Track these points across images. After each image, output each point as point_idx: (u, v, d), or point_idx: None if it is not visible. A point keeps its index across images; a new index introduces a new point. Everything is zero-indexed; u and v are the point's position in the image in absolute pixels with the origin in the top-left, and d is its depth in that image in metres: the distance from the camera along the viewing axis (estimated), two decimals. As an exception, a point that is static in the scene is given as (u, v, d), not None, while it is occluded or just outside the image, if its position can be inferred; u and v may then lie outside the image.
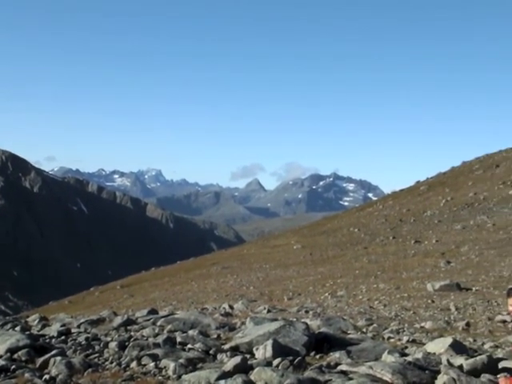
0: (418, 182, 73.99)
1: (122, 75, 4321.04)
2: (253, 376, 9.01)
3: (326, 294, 25.61)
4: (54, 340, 13.01)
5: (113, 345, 11.98)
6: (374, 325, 16.51)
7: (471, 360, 10.22)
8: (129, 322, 15.37)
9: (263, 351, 10.84)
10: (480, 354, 10.79)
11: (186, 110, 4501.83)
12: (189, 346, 11.96)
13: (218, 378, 8.79)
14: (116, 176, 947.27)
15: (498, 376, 7.77)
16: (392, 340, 13.91)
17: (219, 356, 11.08)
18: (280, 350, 10.86)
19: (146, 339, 12.72)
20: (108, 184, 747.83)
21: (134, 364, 10.47)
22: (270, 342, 10.94)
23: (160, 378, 9.61)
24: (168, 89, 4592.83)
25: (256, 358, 10.69)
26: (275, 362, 10.17)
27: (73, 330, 14.47)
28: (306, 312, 20.04)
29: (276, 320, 13.38)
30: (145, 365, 10.43)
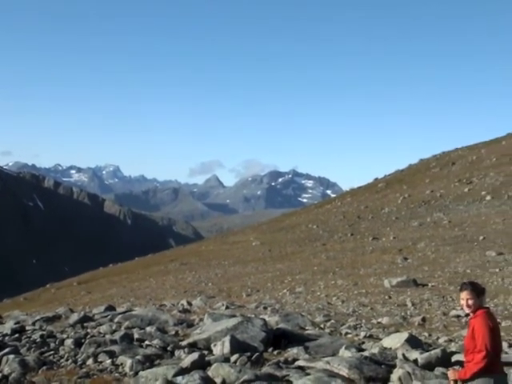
0: (376, 179, 74.61)
1: (82, 71, 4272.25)
2: (210, 372, 9.00)
3: (285, 291, 25.67)
4: (7, 338, 12.81)
5: (68, 342, 11.85)
6: (332, 321, 16.61)
7: (426, 354, 10.37)
8: (85, 319, 15.22)
9: (221, 347, 10.84)
10: (434, 348, 10.95)
11: (144, 106, 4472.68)
12: (146, 342, 11.90)
13: (176, 375, 8.75)
14: (73, 171, 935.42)
15: (449, 369, 7.88)
16: (349, 335, 14.01)
17: (177, 352, 11.04)
18: (238, 346, 10.86)
19: (103, 336, 12.61)
20: (65, 179, 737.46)
21: (90, 361, 10.37)
22: (227, 338, 10.94)
23: (117, 374, 9.54)
24: (126, 86, 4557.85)
25: (214, 354, 10.68)
26: (233, 358, 10.17)
27: (27, 328, 14.27)
28: (265, 308, 20.06)
29: (234, 316, 13.38)
30: (101, 362, 10.34)
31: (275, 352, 11.34)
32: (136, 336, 12.34)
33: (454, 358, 10.14)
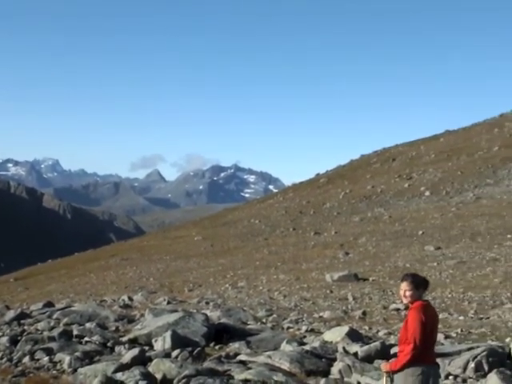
0: (317, 174, 75.13)
1: (20, 59, 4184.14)
2: (151, 368, 8.90)
3: (227, 285, 25.63)
4: None
5: (4, 340, 11.56)
6: (274, 315, 16.65)
7: (366, 347, 10.49)
8: (22, 316, 14.87)
9: (162, 343, 10.74)
10: (374, 342, 11.08)
11: (85, 98, 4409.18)
12: (86, 338, 11.70)
13: (116, 371, 8.62)
14: (10, 165, 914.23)
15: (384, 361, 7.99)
16: (291, 330, 14.06)
17: (117, 348, 10.89)
18: (179, 341, 10.78)
19: (41, 333, 12.35)
20: (1, 173, 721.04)
21: (26, 359, 10.13)
22: (168, 334, 10.85)
23: (54, 372, 9.34)
24: (66, 76, 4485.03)
25: (155, 350, 10.58)
26: (174, 354, 10.09)
27: (-39, 326, 13.87)
28: (207, 303, 20.00)
29: (176, 311, 13.29)
30: (38, 359, 10.11)
31: (217, 347, 11.30)
32: (75, 332, 12.13)
33: (393, 351, 10.27)
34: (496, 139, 57.12)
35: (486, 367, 9.59)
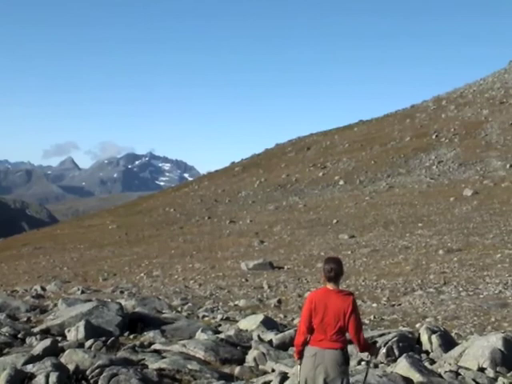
0: (232, 163, 75.18)
1: None
2: (63, 358, 8.69)
3: (142, 274, 25.43)
4: None
5: None
6: (189, 304, 16.64)
7: (280, 335, 10.59)
8: None
9: (75, 333, 10.54)
10: (289, 329, 11.19)
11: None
12: (-6, 330, 11.33)
13: (26, 363, 8.37)
14: None
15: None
16: (206, 318, 14.06)
17: (28, 340, 10.60)
18: (93, 331, 10.61)
19: None
20: None
21: None
22: (82, 323, 10.65)
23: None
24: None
25: (68, 340, 10.35)
26: (88, 344, 9.91)
27: None
28: (121, 292, 19.79)
29: (89, 301, 13.08)
30: None
31: (131, 336, 11.18)
32: (-17, 324, 11.75)
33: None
34: (408, 130, 58.61)
35: (396, 352, 9.88)
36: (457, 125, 54.31)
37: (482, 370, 8.82)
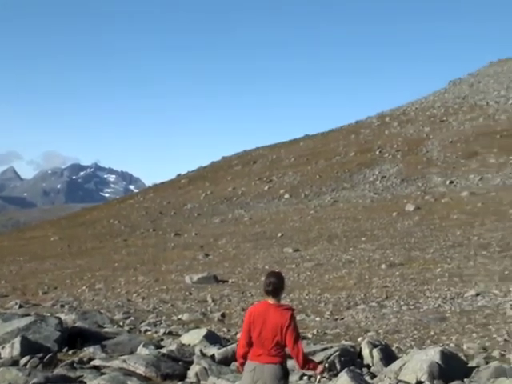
0: (178, 175, 74.81)
1: None
2: (-4, 377, 8.41)
3: (84, 288, 24.95)
4: None
5: None
6: (132, 318, 16.39)
7: (223, 349, 10.50)
8: None
9: (10, 349, 10.23)
10: (232, 344, 11.10)
11: None
12: None
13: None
14: None
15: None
16: (149, 333, 13.86)
17: (-42, 358, 10.23)
18: (29, 348, 10.31)
19: None
20: None
21: None
22: (18, 340, 10.35)
23: None
24: None
25: (2, 358, 10.03)
26: (23, 361, 9.62)
27: None
28: (62, 306, 19.38)
29: (27, 315, 12.71)
30: None
31: (70, 352, 10.91)
32: None
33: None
34: (352, 145, 59.29)
35: (338, 366, 9.91)
36: (399, 141, 55.22)
37: (420, 383, 8.94)
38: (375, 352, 10.54)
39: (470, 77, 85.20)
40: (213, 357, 10.27)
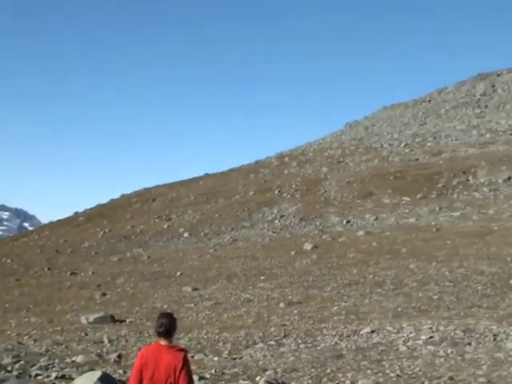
0: (76, 213, 73.25)
1: None
2: None
3: (-30, 331, 23.86)
4: None
5: None
6: (22, 362, 15.73)
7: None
8: None
9: None
10: None
11: None
12: None
13: None
14: None
15: None
16: (39, 377, 13.36)
17: None
18: None
19: None
20: None
21: None
22: None
23: None
24: None
25: None
26: None
27: None
28: None
29: None
30: None
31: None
32: None
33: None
34: (252, 184, 59.82)
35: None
36: (298, 181, 56.13)
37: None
38: (272, 391, 10.56)
39: (365, 120, 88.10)
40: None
